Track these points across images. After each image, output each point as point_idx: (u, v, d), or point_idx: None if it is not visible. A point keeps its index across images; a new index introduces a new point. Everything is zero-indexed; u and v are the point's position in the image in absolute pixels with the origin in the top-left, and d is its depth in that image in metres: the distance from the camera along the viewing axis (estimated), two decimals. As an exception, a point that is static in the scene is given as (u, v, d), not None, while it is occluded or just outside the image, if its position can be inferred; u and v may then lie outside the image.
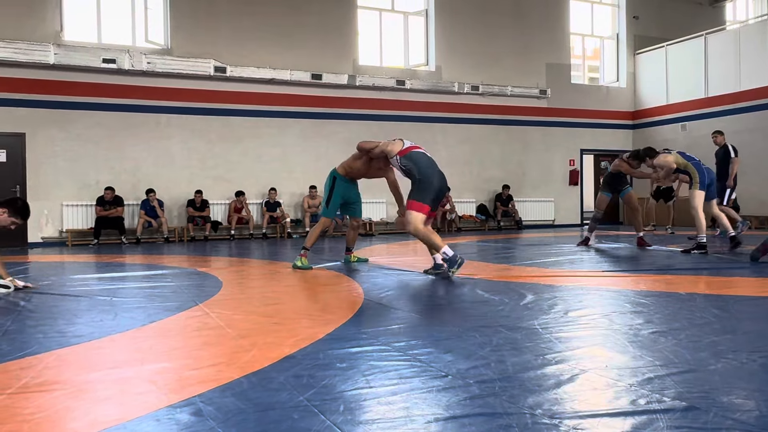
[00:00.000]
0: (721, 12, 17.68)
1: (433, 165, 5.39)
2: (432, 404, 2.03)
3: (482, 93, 14.67)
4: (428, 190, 5.22)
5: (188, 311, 3.85)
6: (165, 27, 12.13)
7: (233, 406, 2.02)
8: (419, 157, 5.41)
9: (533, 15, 15.36)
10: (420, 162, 5.36)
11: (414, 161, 5.37)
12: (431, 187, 5.23)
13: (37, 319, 3.68)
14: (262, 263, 7.34)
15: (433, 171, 5.32)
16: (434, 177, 5.29)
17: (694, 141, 15.08)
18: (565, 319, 3.43)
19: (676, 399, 2.02)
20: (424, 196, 5.21)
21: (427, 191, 5.22)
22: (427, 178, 5.25)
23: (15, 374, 2.43)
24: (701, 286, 4.80)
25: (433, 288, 4.86)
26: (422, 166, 5.32)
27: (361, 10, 13.82)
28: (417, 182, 5.30)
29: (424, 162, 5.37)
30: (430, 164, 5.37)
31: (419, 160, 5.38)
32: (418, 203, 5.21)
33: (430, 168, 5.33)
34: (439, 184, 5.31)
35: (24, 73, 10.95)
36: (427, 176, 5.26)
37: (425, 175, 5.27)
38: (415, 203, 5.22)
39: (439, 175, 5.35)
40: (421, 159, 5.39)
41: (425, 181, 5.25)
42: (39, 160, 11.17)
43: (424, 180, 5.25)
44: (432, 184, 5.25)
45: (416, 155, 5.43)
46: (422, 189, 5.24)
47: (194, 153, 12.27)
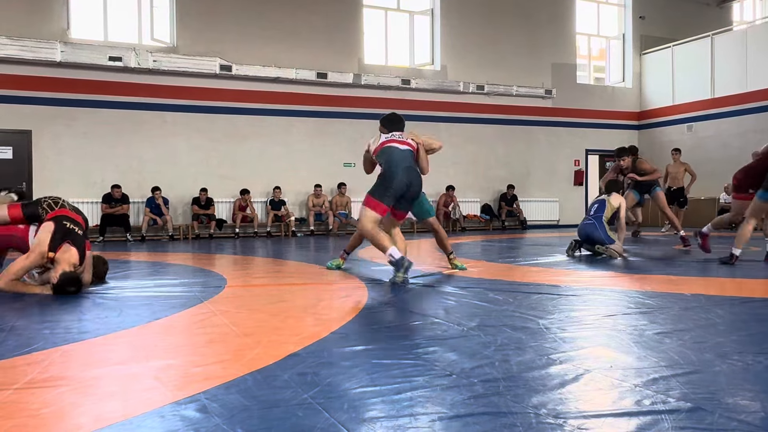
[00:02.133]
0: (728, 12, 17.61)
1: (401, 161, 4.92)
2: (436, 403, 2.03)
3: (487, 93, 14.66)
4: (388, 186, 4.82)
5: (193, 309, 3.86)
6: (171, 25, 12.16)
7: (238, 403, 2.03)
8: (390, 152, 4.99)
9: (539, 15, 15.33)
10: (390, 156, 4.95)
11: (385, 156, 4.98)
12: (391, 184, 4.81)
13: (43, 316, 3.69)
14: (266, 261, 7.34)
15: (397, 168, 4.86)
16: (397, 174, 4.84)
17: (700, 142, 15.04)
18: (570, 319, 3.43)
19: (681, 400, 2.02)
20: (381, 193, 4.81)
21: (387, 188, 4.81)
22: (390, 174, 4.83)
23: (21, 370, 2.44)
24: (706, 287, 4.79)
25: (436, 288, 4.86)
26: (390, 161, 4.92)
27: (366, 9, 13.82)
28: (380, 176, 4.92)
29: (394, 157, 4.94)
30: (398, 160, 4.92)
31: (390, 154, 4.97)
32: (374, 200, 4.81)
33: (397, 165, 4.89)
34: (402, 183, 4.83)
35: (31, 70, 11.00)
36: (390, 172, 4.84)
37: (389, 171, 4.86)
38: (370, 200, 4.83)
39: (405, 171, 4.87)
40: (391, 153, 4.97)
41: (387, 176, 4.85)
42: (45, 157, 11.21)
43: (386, 175, 4.86)
44: (393, 180, 4.82)
45: (388, 150, 5.01)
46: (381, 184, 4.85)
47: (199, 151, 12.30)
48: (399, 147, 5.03)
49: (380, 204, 4.78)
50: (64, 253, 4.49)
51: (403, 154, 4.99)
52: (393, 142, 5.07)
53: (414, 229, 13.28)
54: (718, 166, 14.41)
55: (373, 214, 4.79)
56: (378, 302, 4.06)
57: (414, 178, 4.90)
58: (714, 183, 14.12)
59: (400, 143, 5.07)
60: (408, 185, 4.84)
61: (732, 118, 14.42)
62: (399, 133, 5.22)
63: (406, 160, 4.96)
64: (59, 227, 4.60)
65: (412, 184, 4.88)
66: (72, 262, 4.47)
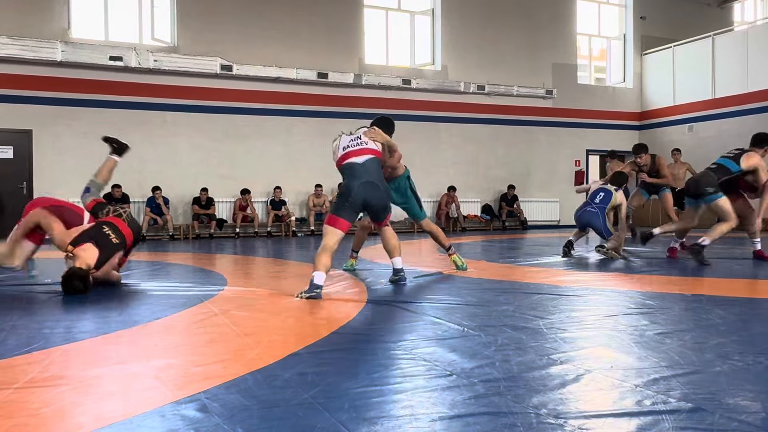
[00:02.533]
0: (729, 13, 17.61)
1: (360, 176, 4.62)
2: (436, 403, 2.03)
3: (488, 93, 14.66)
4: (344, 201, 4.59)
5: (193, 308, 3.86)
6: (172, 25, 12.16)
7: (238, 402, 2.03)
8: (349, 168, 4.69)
9: (540, 15, 15.33)
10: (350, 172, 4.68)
11: (345, 172, 4.73)
12: (347, 199, 4.57)
13: (44, 315, 3.70)
14: (267, 261, 7.35)
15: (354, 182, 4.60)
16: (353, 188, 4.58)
17: (701, 142, 15.03)
18: (570, 320, 3.42)
19: (682, 400, 2.02)
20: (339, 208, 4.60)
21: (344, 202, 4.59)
22: (347, 189, 4.61)
23: (22, 369, 2.44)
24: (707, 288, 4.78)
25: (437, 287, 4.86)
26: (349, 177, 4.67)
27: (367, 9, 13.82)
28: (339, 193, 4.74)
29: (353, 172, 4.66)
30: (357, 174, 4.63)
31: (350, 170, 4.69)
32: (333, 217, 4.59)
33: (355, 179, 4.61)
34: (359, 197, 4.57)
35: (31, 70, 11.00)
36: (347, 188, 4.62)
37: (346, 186, 4.64)
38: (330, 217, 4.63)
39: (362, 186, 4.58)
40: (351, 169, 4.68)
41: (345, 191, 4.64)
42: (46, 156, 11.21)
43: (344, 190, 4.65)
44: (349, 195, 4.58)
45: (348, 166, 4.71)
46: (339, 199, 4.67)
47: (200, 151, 12.30)
48: (357, 161, 4.68)
49: (338, 219, 4.54)
50: (84, 251, 4.52)
51: (364, 167, 4.65)
52: (351, 156, 4.72)
53: (414, 230, 13.28)
54: (719, 167, 14.40)
55: (334, 230, 4.54)
56: (378, 302, 4.06)
57: (371, 193, 4.60)
58: (715, 183, 14.08)
59: (358, 154, 4.71)
60: (364, 200, 4.60)
61: (733, 118, 14.41)
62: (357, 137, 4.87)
63: (367, 173, 4.64)
64: (94, 229, 4.70)
65: (368, 199, 4.61)
66: (88, 263, 4.48)
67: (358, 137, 4.84)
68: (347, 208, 4.58)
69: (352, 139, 4.84)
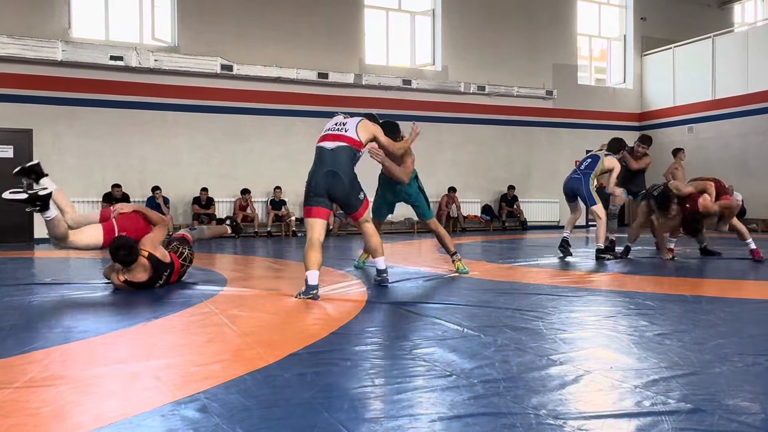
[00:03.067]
0: (729, 14, 17.61)
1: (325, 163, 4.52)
2: (436, 403, 2.03)
3: (488, 93, 14.66)
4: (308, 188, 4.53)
5: (193, 308, 3.86)
6: (172, 25, 12.16)
7: (238, 402, 2.03)
8: (318, 152, 4.64)
9: (540, 16, 15.33)
10: (317, 157, 4.62)
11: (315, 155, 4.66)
12: (310, 186, 4.52)
13: (43, 315, 3.70)
14: (266, 261, 7.35)
15: (318, 169, 4.53)
16: (315, 176, 4.52)
17: (701, 143, 15.04)
18: (570, 320, 3.43)
19: (681, 401, 2.02)
20: (305, 196, 4.55)
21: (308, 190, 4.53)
22: (309, 176, 4.57)
23: (21, 368, 2.44)
24: (707, 289, 4.78)
25: (436, 288, 4.86)
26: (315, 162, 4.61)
27: (368, 9, 13.82)
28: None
29: (320, 158, 4.59)
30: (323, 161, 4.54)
31: (318, 154, 4.63)
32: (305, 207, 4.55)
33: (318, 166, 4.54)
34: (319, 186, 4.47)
35: (32, 69, 10.99)
36: (309, 175, 4.58)
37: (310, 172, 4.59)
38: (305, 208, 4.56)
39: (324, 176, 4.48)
40: (319, 153, 4.62)
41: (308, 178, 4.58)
42: (46, 156, 11.19)
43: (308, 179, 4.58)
44: (310, 182, 4.53)
45: (317, 149, 4.66)
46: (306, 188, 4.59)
47: (200, 150, 12.30)
48: (327, 146, 4.58)
49: (311, 209, 4.48)
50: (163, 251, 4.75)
51: (332, 153, 4.53)
52: (326, 139, 4.63)
53: (414, 230, 13.28)
54: (719, 168, 14.40)
55: (313, 221, 4.47)
56: (378, 303, 4.06)
57: (332, 182, 4.46)
58: (715, 184, 14.08)
59: (333, 138, 4.61)
60: (326, 190, 4.47)
61: (733, 119, 14.41)
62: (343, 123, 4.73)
63: (333, 161, 4.51)
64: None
65: (330, 188, 4.47)
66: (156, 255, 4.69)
67: (344, 123, 4.72)
68: (313, 196, 4.48)
69: (338, 122, 4.74)
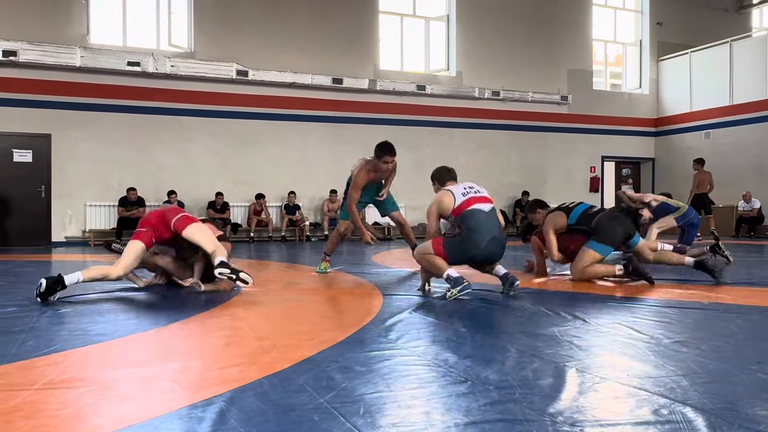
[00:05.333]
0: (747, 18, 17.46)
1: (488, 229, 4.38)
2: (452, 409, 2.03)
3: (503, 99, 14.63)
4: (467, 253, 4.39)
5: (208, 312, 3.89)
6: (189, 31, 12.28)
7: (254, 406, 2.04)
8: (474, 216, 4.40)
9: (555, 21, 15.29)
10: (473, 222, 4.38)
11: (467, 220, 4.40)
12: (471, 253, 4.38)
13: (62, 317, 3.74)
14: (281, 266, 7.37)
15: (484, 237, 4.36)
16: (483, 243, 4.35)
17: (718, 149, 14.89)
18: (586, 327, 3.40)
19: (700, 409, 2.00)
20: (455, 252, 4.38)
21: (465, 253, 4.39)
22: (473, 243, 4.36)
23: (41, 370, 2.47)
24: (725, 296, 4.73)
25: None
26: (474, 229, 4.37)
27: (382, 15, 13.87)
28: (461, 238, 4.40)
29: (479, 224, 4.38)
30: (485, 227, 4.36)
31: (473, 219, 4.39)
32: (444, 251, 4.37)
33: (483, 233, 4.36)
34: (489, 253, 4.37)
35: (51, 75, 11.16)
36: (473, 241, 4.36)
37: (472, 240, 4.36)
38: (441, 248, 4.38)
39: (493, 241, 4.38)
40: (475, 218, 4.39)
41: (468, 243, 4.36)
42: (64, 160, 11.35)
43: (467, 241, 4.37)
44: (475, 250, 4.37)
45: (471, 213, 4.41)
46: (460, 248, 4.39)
47: (215, 155, 12.39)
48: (484, 208, 4.44)
49: (448, 258, 4.35)
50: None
51: (490, 219, 4.43)
52: (478, 200, 4.47)
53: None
54: (737, 174, 14.26)
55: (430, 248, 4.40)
56: (393, 308, 4.06)
57: (497, 249, 4.42)
58: (732, 191, 13.96)
59: (484, 201, 4.47)
60: (489, 256, 4.42)
61: (751, 125, 14.27)
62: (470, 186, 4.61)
63: (494, 228, 4.42)
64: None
65: (494, 256, 4.46)
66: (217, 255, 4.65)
67: (471, 186, 4.62)
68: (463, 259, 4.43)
69: (467, 186, 4.61)
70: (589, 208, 5.52)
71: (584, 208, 5.53)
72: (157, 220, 4.65)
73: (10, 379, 2.35)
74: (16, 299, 4.33)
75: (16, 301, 4.23)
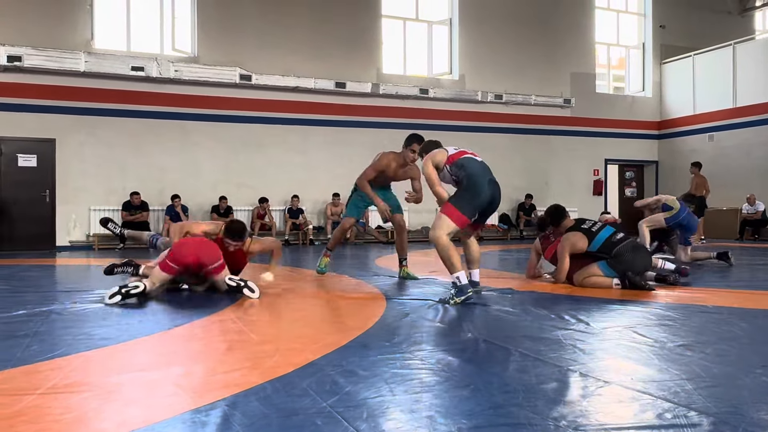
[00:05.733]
0: (750, 21, 17.43)
1: (485, 173, 4.58)
2: (455, 413, 2.03)
3: (506, 102, 14.63)
4: (473, 198, 4.46)
5: (212, 316, 3.89)
6: (192, 35, 12.32)
7: (257, 410, 2.04)
8: (470, 163, 4.60)
9: (558, 24, 15.29)
10: (470, 168, 4.55)
11: (463, 167, 4.56)
12: (478, 197, 4.46)
13: (65, 322, 3.75)
14: (284, 270, 7.37)
15: (483, 179, 4.51)
16: (483, 187, 4.48)
17: (722, 152, 14.86)
18: (589, 331, 3.40)
19: (704, 413, 1.99)
20: (465, 204, 4.44)
21: (472, 200, 4.46)
22: (476, 187, 4.47)
23: (44, 375, 2.48)
24: (729, 300, 4.72)
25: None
26: (472, 173, 4.52)
27: (385, 19, 13.89)
28: (463, 188, 4.51)
29: (475, 168, 4.57)
30: (482, 171, 4.57)
31: (469, 165, 4.58)
32: (456, 211, 4.42)
33: (482, 177, 4.53)
34: (488, 196, 4.50)
35: (55, 80, 11.20)
36: (476, 184, 4.48)
37: (473, 183, 4.48)
38: (452, 208, 4.43)
39: (490, 185, 4.53)
40: (471, 164, 4.59)
41: (472, 189, 4.47)
42: (68, 165, 11.39)
43: (471, 188, 4.47)
44: (480, 193, 4.47)
45: (464, 161, 4.60)
46: (465, 196, 4.47)
47: (219, 159, 12.41)
48: (477, 158, 4.70)
49: (462, 216, 4.41)
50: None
51: (483, 165, 4.65)
52: (466, 153, 4.70)
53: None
54: (741, 177, 14.22)
55: (451, 224, 4.40)
56: (396, 312, 4.06)
57: (497, 193, 4.58)
58: (736, 193, 13.92)
59: (472, 154, 4.74)
60: (492, 200, 4.53)
61: (755, 127, 14.23)
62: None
63: (488, 172, 4.63)
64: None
65: (495, 200, 4.57)
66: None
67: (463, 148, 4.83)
68: (474, 207, 4.46)
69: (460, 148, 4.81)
70: (613, 235, 5.23)
71: (608, 235, 5.23)
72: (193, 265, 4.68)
73: (14, 384, 2.36)
74: (21, 303, 4.34)
75: (20, 306, 4.24)
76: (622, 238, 5.21)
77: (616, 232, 5.28)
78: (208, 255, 4.68)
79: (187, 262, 4.62)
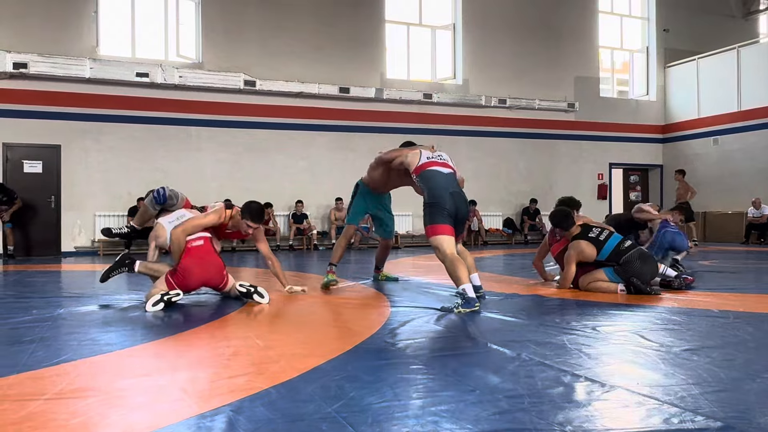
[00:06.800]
0: (754, 24, 17.40)
1: (447, 184, 4.71)
2: (460, 418, 2.02)
3: (509, 106, 14.63)
4: (442, 209, 4.58)
5: (217, 321, 3.90)
6: (197, 42, 12.37)
7: (262, 416, 2.04)
8: (433, 176, 4.75)
9: (562, 28, 15.30)
10: (432, 181, 4.71)
11: (428, 180, 4.73)
12: (444, 209, 4.58)
13: (71, 327, 3.76)
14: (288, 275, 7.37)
15: (445, 192, 4.64)
16: (446, 199, 4.61)
17: (727, 155, 14.83)
18: (595, 335, 3.39)
19: (710, 418, 1.98)
20: (436, 217, 4.57)
21: (442, 211, 4.58)
22: (438, 199, 4.61)
23: (51, 380, 2.49)
24: (735, 304, 4.70)
25: (459, 301, 4.83)
26: (434, 186, 4.69)
27: (388, 24, 13.92)
28: (427, 203, 4.66)
29: (438, 182, 4.71)
30: (444, 184, 4.70)
31: (432, 178, 4.73)
32: (438, 226, 4.55)
33: (443, 188, 4.66)
34: (454, 207, 4.62)
35: (61, 86, 11.25)
36: (437, 197, 4.62)
37: (435, 196, 4.63)
38: (434, 227, 4.55)
39: (451, 197, 4.63)
40: (435, 177, 4.73)
41: (436, 202, 4.61)
42: (73, 171, 11.43)
43: (433, 200, 4.63)
44: (444, 206, 4.59)
45: (429, 174, 4.75)
46: (434, 210, 4.60)
47: (223, 165, 12.44)
48: (442, 171, 4.80)
49: (444, 226, 4.53)
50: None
51: (448, 178, 4.78)
52: (434, 164, 4.82)
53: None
54: (746, 180, 14.18)
55: (446, 238, 4.50)
56: (401, 317, 4.05)
57: (461, 203, 4.69)
58: (741, 197, 13.88)
59: (442, 166, 4.86)
60: (456, 211, 4.63)
61: (759, 131, 14.19)
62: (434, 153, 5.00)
63: (452, 184, 4.75)
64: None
65: (459, 209, 4.66)
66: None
67: (440, 155, 4.99)
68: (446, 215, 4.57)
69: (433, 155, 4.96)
70: (621, 243, 5.20)
71: (616, 243, 5.19)
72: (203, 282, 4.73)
73: (20, 389, 2.36)
74: (26, 309, 4.36)
75: (26, 312, 4.25)
76: (629, 246, 5.19)
77: (624, 240, 5.26)
78: (214, 277, 4.75)
79: (193, 288, 4.73)
